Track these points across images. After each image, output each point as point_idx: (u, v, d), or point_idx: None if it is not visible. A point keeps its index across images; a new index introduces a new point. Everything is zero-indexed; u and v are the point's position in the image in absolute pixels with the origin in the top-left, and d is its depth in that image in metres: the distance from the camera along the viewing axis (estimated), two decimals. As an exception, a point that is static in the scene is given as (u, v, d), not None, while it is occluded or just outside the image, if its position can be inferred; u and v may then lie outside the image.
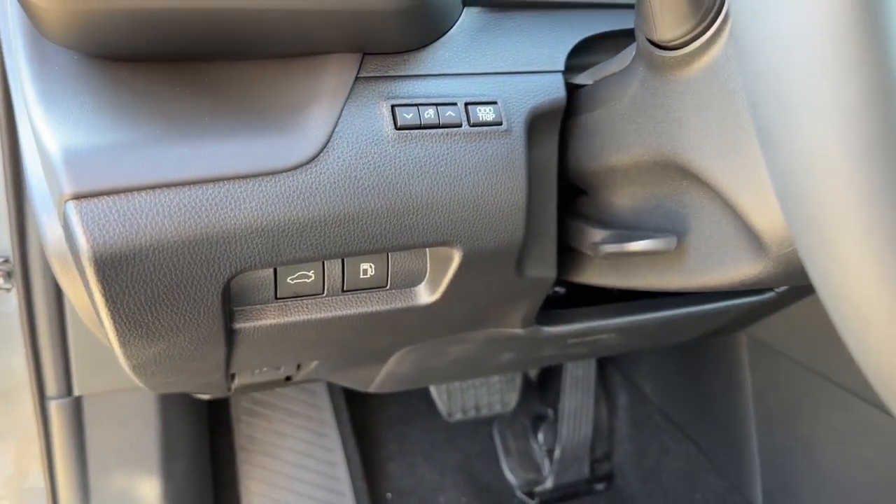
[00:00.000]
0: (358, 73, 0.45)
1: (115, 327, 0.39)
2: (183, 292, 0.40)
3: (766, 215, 0.40)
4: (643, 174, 0.49)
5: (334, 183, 0.42)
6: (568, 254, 0.60)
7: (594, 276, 0.59)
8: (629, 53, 0.49)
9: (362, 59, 0.45)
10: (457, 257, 0.49)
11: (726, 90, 0.40)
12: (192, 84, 0.42)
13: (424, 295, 0.53)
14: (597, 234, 0.55)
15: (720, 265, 0.46)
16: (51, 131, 0.37)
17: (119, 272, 0.37)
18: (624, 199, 0.53)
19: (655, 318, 0.73)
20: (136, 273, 0.37)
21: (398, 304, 0.52)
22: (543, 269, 0.56)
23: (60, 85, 0.39)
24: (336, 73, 0.44)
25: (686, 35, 0.40)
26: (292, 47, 0.43)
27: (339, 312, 0.50)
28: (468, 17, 0.50)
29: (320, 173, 0.42)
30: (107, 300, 0.38)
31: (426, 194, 0.45)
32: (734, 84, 0.39)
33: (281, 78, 0.43)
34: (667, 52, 0.42)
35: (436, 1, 0.44)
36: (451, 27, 0.49)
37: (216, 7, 0.37)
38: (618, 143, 0.49)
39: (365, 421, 1.24)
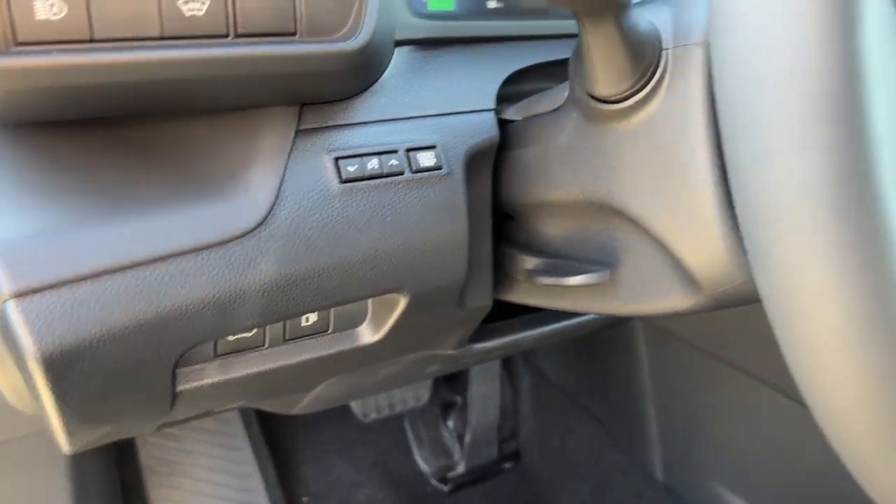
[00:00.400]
0: (298, 126, 0.43)
1: (64, 422, 0.37)
2: (134, 376, 0.38)
3: (701, 259, 0.43)
4: (576, 210, 0.51)
5: (284, 245, 0.41)
6: (499, 275, 0.62)
7: (525, 297, 0.61)
8: (560, 93, 0.50)
9: (301, 110, 0.44)
10: (402, 302, 0.49)
11: (663, 144, 0.42)
12: (122, 147, 0.39)
13: (367, 335, 0.52)
14: (529, 262, 0.57)
15: (652, 297, 0.49)
16: None
17: (69, 369, 0.34)
18: (554, 229, 0.55)
19: (576, 323, 0.77)
20: (87, 367, 0.35)
21: (341, 347, 0.52)
22: (481, 298, 0.57)
23: None
24: (275, 129, 0.42)
25: (624, 91, 0.42)
26: (227, 104, 0.41)
27: (281, 362, 0.49)
28: (400, 58, 0.49)
29: (269, 237, 0.40)
30: (56, 398, 0.35)
31: (374, 246, 0.45)
32: (670, 138, 0.42)
33: (217, 136, 0.41)
34: (604, 104, 0.43)
35: (374, 51, 0.43)
36: (385, 69, 0.48)
37: (147, 80, 0.35)
38: (551, 181, 0.51)
39: (277, 429, 1.22)
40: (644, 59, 0.40)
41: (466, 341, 0.66)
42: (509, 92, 0.55)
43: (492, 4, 0.58)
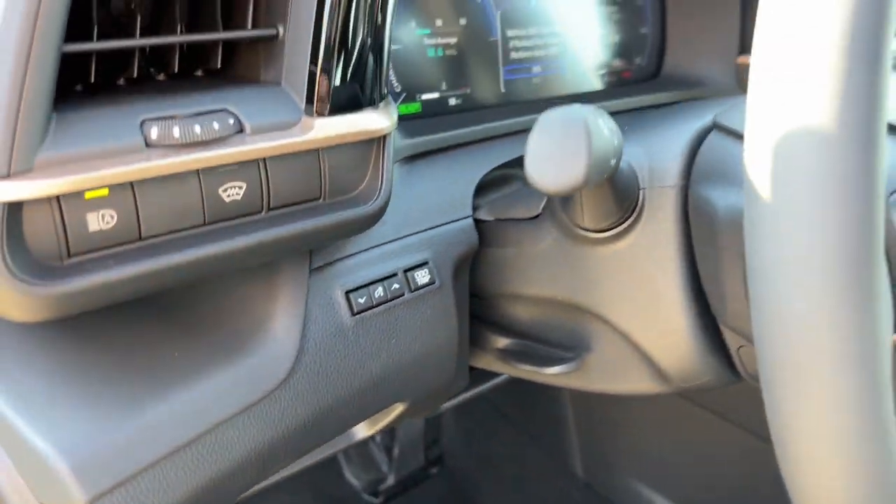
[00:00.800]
0: (310, 266, 0.45)
1: None
2: None
3: (673, 361, 0.49)
4: (549, 303, 0.56)
5: (311, 387, 0.43)
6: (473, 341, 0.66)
7: (496, 366, 0.66)
8: (534, 201, 0.54)
9: (311, 251, 0.46)
10: (400, 407, 0.52)
11: (639, 267, 0.48)
12: (154, 318, 0.40)
13: (361, 432, 0.56)
14: (500, 341, 0.62)
15: (621, 381, 0.55)
16: (33, 430, 0.33)
17: None
18: (525, 313, 0.60)
19: None
20: None
21: (337, 447, 0.55)
22: (460, 381, 0.61)
23: (18, 365, 0.35)
24: (292, 275, 0.44)
25: (607, 226, 0.47)
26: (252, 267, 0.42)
27: (288, 472, 0.52)
28: None
29: (298, 383, 0.43)
30: None
31: (383, 368, 0.48)
32: (646, 263, 0.47)
33: (239, 292, 0.43)
34: (586, 231, 0.48)
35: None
36: None
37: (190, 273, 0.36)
38: (528, 281, 0.55)
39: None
40: (626, 200, 0.45)
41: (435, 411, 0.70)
42: (481, 183, 0.58)
43: (452, 102, 0.61)
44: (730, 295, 0.43)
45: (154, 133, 0.33)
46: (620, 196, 0.45)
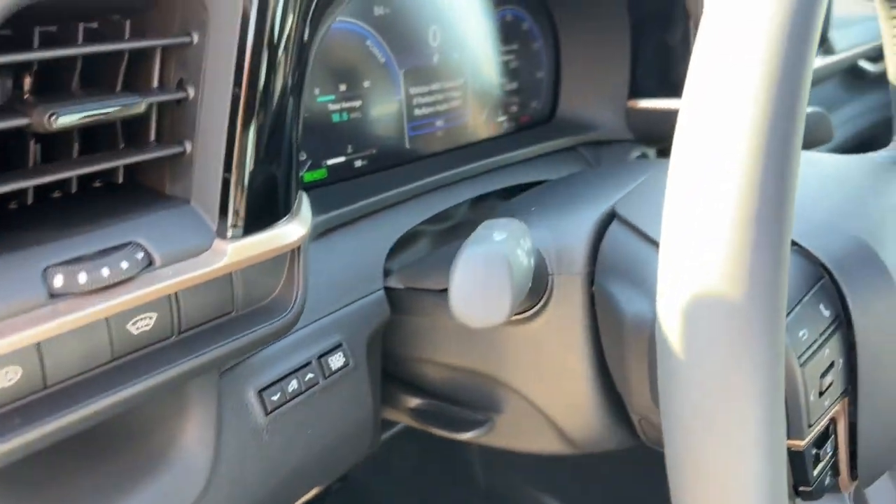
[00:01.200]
0: (221, 369, 0.44)
1: None
2: None
3: (579, 429, 0.52)
4: (460, 370, 0.57)
5: (227, 496, 0.42)
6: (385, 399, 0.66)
7: (406, 421, 0.66)
8: (445, 273, 0.55)
9: None
10: (316, 490, 0.52)
11: (549, 347, 0.50)
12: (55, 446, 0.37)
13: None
14: (412, 401, 0.62)
15: (529, 441, 0.57)
16: None
17: None
18: (436, 375, 0.61)
19: None
20: None
21: None
22: (374, 441, 0.61)
23: None
24: (200, 384, 0.42)
25: (519, 311, 0.49)
26: None
27: None
28: None
29: (215, 496, 0.42)
30: None
31: (300, 461, 0.47)
32: (556, 343, 0.50)
33: (145, 406, 0.41)
34: (498, 312, 0.50)
35: None
36: None
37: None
38: (439, 350, 0.56)
39: None
40: (537, 287, 0.47)
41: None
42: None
43: (358, 164, 0.61)
44: (635, 389, 0.45)
45: (59, 281, 0.30)
46: (534, 287, 0.46)
